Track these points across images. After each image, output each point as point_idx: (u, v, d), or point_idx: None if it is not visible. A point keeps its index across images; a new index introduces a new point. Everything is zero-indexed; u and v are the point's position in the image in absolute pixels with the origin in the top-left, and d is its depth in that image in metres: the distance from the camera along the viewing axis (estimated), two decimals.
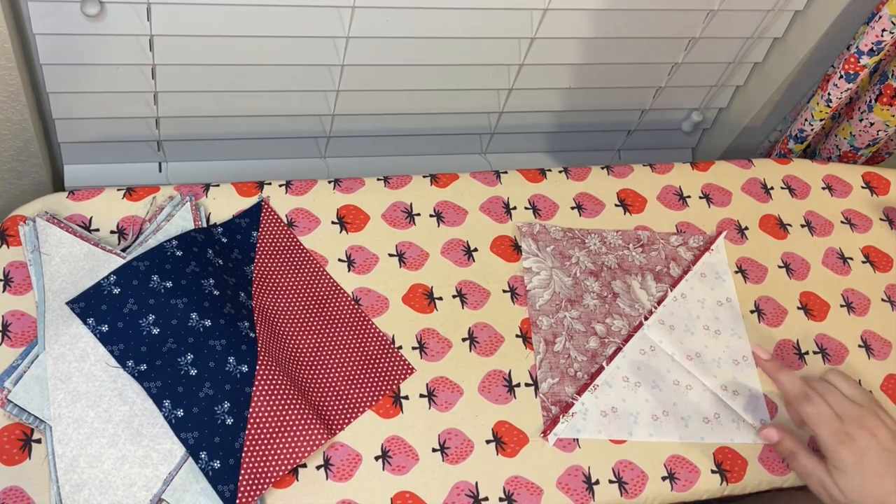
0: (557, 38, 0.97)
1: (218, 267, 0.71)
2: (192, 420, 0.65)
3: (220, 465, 0.63)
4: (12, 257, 0.71)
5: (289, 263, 0.75)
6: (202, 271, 0.70)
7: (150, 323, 0.67)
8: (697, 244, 0.84)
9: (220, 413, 0.65)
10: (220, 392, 0.65)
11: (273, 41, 0.89)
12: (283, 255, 0.76)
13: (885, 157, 1.09)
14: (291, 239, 0.77)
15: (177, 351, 0.66)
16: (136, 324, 0.67)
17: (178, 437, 0.64)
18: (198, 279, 0.69)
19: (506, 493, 0.69)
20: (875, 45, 0.88)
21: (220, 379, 0.66)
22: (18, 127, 0.86)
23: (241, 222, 0.76)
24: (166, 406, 0.65)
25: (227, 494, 0.63)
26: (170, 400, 0.65)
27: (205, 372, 0.66)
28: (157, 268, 0.69)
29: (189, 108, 0.96)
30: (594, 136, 1.19)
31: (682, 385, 0.75)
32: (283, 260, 0.75)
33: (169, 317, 0.67)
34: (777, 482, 0.73)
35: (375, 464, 0.68)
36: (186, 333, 0.67)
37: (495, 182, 0.85)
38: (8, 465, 0.63)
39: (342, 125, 1.05)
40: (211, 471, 0.63)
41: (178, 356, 0.66)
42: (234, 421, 0.65)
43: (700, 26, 1.00)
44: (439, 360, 0.74)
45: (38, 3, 0.78)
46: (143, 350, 0.66)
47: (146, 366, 0.66)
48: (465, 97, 1.04)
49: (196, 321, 0.67)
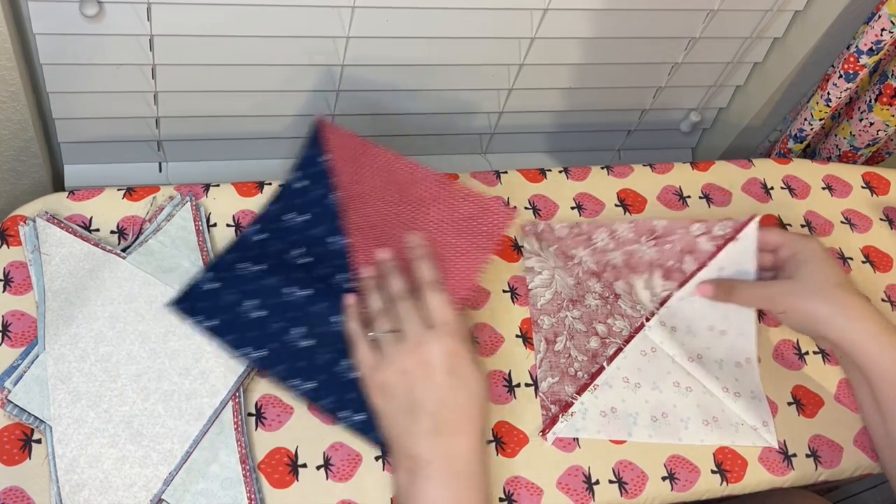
0: (557, 38, 0.97)
1: (301, 226, 0.73)
2: (324, 387, 0.67)
3: (367, 416, 0.66)
4: (12, 257, 0.71)
5: (364, 169, 0.75)
6: (287, 244, 0.72)
7: (254, 307, 0.69)
8: (723, 232, 0.77)
9: (343, 371, 0.67)
10: (337, 353, 0.67)
11: (273, 41, 0.89)
12: (356, 162, 0.75)
13: (885, 157, 1.09)
14: (357, 143, 0.76)
15: (285, 328, 0.68)
16: (241, 312, 0.68)
17: (318, 405, 0.67)
18: (284, 253, 0.71)
19: (506, 493, 0.69)
20: (875, 44, 0.88)
21: (332, 341, 0.68)
22: (18, 127, 0.86)
23: (309, 153, 0.77)
24: (296, 383, 0.67)
25: (379, 440, 0.66)
26: (298, 378, 0.67)
27: (319, 340, 0.68)
28: (244, 256, 0.71)
29: (189, 108, 0.96)
30: (594, 136, 1.19)
31: (682, 387, 0.74)
32: (359, 167, 0.75)
33: (268, 298, 0.69)
34: (777, 482, 0.74)
35: (375, 464, 0.68)
36: (289, 308, 0.69)
37: (495, 182, 0.85)
38: (8, 465, 0.63)
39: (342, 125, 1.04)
40: (360, 423, 0.66)
41: (288, 332, 0.68)
42: None
43: (700, 26, 1.00)
44: None
45: (38, 3, 0.78)
46: (255, 335, 0.68)
47: (266, 351, 0.67)
48: (465, 97, 1.04)
49: (294, 294, 0.69)
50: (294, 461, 0.67)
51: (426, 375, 0.62)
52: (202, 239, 0.75)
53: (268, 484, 0.66)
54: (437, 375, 0.62)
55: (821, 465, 0.75)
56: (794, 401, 0.77)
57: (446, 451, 0.61)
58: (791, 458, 0.74)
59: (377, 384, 0.64)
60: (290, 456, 0.67)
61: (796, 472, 0.74)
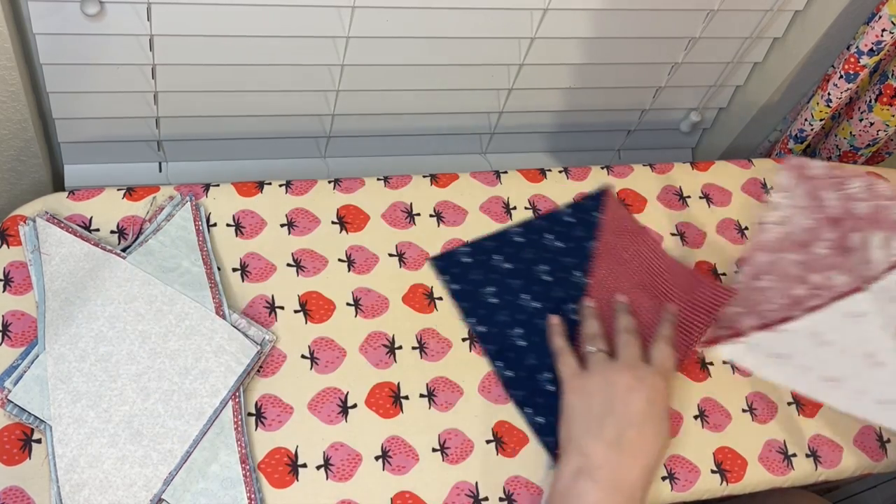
0: (557, 38, 0.97)
1: (556, 250, 0.81)
2: (520, 381, 0.73)
3: (545, 420, 0.71)
4: (12, 257, 0.71)
5: (628, 238, 0.82)
6: (538, 257, 0.80)
7: (490, 294, 0.77)
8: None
9: (542, 380, 0.73)
10: (543, 363, 0.74)
11: (273, 41, 0.89)
12: (624, 231, 0.83)
13: (885, 157, 1.09)
14: (631, 218, 0.84)
15: (509, 323, 0.76)
16: (480, 291, 0.77)
17: (508, 392, 0.73)
18: (533, 264, 0.80)
19: (506, 492, 0.69)
20: (875, 45, 0.88)
21: (544, 352, 0.75)
22: (18, 127, 0.86)
23: (587, 203, 0.85)
24: (499, 366, 0.74)
25: (550, 445, 0.70)
26: (502, 361, 0.74)
27: (532, 345, 0.75)
28: (500, 249, 0.80)
29: (189, 108, 0.96)
30: (594, 136, 1.19)
31: (873, 360, 0.69)
32: (624, 235, 0.82)
33: (505, 293, 0.78)
34: (777, 482, 0.74)
35: (375, 464, 0.68)
36: (518, 310, 0.77)
37: (495, 182, 0.85)
38: (8, 465, 0.63)
39: (342, 125, 1.05)
40: (537, 425, 0.72)
41: (510, 328, 0.76)
42: (555, 388, 0.72)
43: (700, 26, 1.00)
44: (439, 360, 0.74)
45: (38, 3, 0.78)
46: (483, 313, 0.76)
47: (486, 328, 0.75)
48: (465, 97, 1.04)
49: (527, 301, 0.77)
50: (294, 461, 0.67)
51: (628, 393, 0.66)
52: (202, 239, 0.75)
53: (268, 484, 0.66)
54: (638, 401, 0.66)
55: (821, 465, 0.75)
56: (793, 401, 0.77)
57: (618, 465, 0.63)
58: (791, 457, 0.74)
59: (578, 386, 0.69)
60: (290, 456, 0.67)
61: (796, 472, 0.74)
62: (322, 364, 0.72)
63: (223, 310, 0.71)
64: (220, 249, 0.75)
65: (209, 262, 0.74)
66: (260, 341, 0.70)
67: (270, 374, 0.70)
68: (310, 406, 0.69)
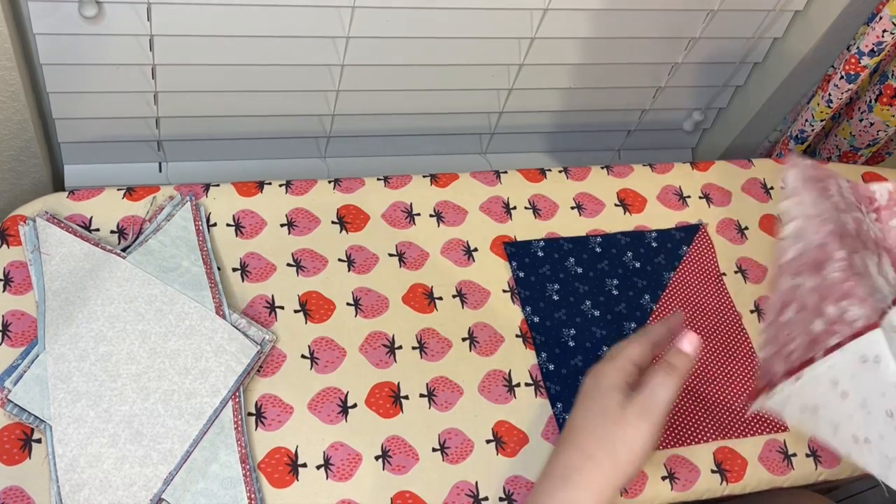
0: (557, 38, 0.97)
1: (632, 270, 0.82)
2: (559, 376, 0.75)
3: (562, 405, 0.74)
4: (12, 257, 0.71)
5: (703, 283, 0.83)
6: (611, 270, 0.82)
7: (553, 291, 0.80)
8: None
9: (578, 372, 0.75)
10: (587, 366, 0.71)
11: (273, 41, 0.89)
12: (702, 274, 0.84)
13: (885, 157, 1.09)
14: (714, 265, 0.84)
15: (564, 322, 0.78)
16: (543, 285, 0.80)
17: (544, 384, 0.74)
18: (603, 276, 0.81)
19: (506, 492, 0.69)
20: (876, 45, 0.88)
21: (591, 357, 0.76)
22: (18, 127, 0.86)
23: (677, 234, 0.86)
24: (543, 356, 0.76)
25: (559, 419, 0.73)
26: (546, 353, 0.76)
27: (580, 348, 0.77)
28: (574, 253, 0.82)
29: (189, 108, 0.96)
30: (594, 136, 1.19)
31: (894, 421, 0.56)
32: (700, 278, 0.83)
33: (568, 294, 0.80)
34: (777, 482, 0.74)
35: (375, 464, 0.68)
36: (577, 313, 0.79)
37: (495, 182, 0.85)
38: (8, 464, 0.63)
39: (342, 125, 1.05)
40: (555, 394, 0.74)
41: (563, 327, 0.78)
42: None
43: (700, 26, 1.00)
44: (439, 360, 0.74)
45: (38, 3, 0.78)
46: (540, 306, 0.78)
47: (538, 318, 0.78)
48: (465, 97, 1.04)
49: (588, 308, 0.79)
50: (294, 461, 0.67)
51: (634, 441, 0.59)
52: (202, 239, 0.75)
53: (268, 484, 0.66)
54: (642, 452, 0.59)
55: (821, 465, 0.75)
56: None
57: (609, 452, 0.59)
58: (791, 457, 0.74)
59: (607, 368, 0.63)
60: (290, 456, 0.67)
61: (796, 471, 0.74)
62: (322, 364, 0.72)
63: (223, 310, 0.71)
64: (220, 249, 0.75)
65: (209, 261, 0.74)
66: (260, 341, 0.70)
67: (270, 373, 0.70)
68: (310, 406, 0.69)
